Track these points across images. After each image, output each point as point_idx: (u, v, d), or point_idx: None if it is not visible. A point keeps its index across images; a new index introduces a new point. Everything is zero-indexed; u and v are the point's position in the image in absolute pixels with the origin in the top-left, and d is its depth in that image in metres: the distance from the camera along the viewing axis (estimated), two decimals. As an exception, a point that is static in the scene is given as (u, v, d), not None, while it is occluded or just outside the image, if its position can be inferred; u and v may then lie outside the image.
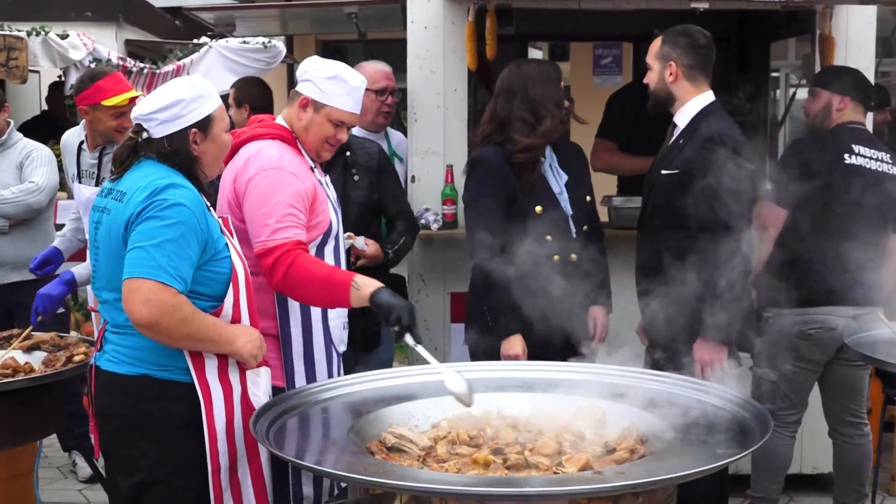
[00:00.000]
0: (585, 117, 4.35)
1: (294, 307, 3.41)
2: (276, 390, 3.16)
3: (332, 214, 3.45)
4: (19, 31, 7.29)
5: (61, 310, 5.39)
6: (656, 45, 3.92)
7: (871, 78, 5.01)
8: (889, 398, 4.37)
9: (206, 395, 2.86)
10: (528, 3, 4.89)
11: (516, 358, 3.77)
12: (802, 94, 5.16)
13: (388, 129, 5.05)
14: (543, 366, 3.35)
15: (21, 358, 3.83)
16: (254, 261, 3.20)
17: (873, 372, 4.55)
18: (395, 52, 5.91)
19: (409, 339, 3.01)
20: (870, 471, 4.46)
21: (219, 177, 3.29)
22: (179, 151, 2.89)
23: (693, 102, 3.87)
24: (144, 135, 2.89)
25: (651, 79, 3.90)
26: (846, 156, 4.22)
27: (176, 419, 2.85)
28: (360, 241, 4.16)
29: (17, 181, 5.26)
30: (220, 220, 3.01)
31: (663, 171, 3.90)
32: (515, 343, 3.82)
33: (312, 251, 3.34)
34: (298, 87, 3.42)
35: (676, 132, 3.92)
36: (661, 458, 2.55)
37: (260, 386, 3.02)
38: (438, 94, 4.91)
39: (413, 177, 4.93)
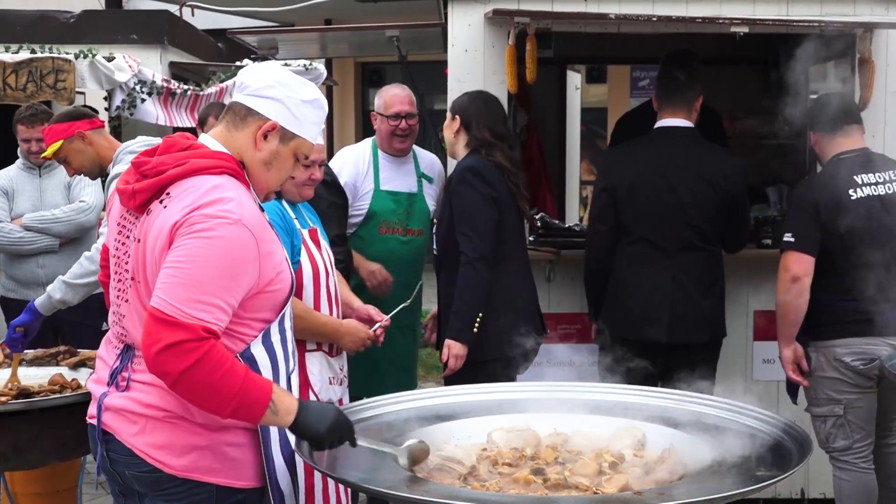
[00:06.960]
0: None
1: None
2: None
3: (289, 272, 2.66)
4: (67, 53, 7.45)
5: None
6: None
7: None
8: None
9: None
10: (568, 27, 4.92)
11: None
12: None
13: (417, 150, 5.08)
14: (582, 387, 3.36)
15: (68, 374, 3.90)
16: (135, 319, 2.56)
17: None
18: (433, 74, 5.97)
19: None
20: None
21: None
22: None
23: None
24: None
25: None
26: (850, 192, 4.11)
27: None
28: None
29: (65, 201, 5.39)
30: None
31: None
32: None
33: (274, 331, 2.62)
34: (257, 107, 2.56)
35: None
36: (701, 479, 2.56)
37: None
38: (478, 117, 4.93)
39: (453, 197, 4.96)
